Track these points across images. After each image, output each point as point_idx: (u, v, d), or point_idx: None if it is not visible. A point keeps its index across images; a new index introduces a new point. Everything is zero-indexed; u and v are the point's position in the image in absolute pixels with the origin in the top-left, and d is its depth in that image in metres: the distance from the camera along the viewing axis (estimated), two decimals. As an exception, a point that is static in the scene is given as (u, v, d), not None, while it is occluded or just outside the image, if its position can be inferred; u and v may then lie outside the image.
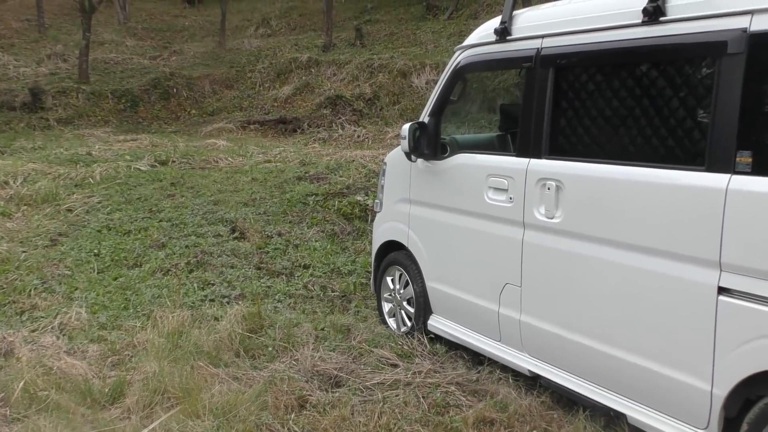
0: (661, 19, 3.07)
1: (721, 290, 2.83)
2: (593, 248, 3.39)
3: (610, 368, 3.35)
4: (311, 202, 8.30)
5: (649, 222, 3.10)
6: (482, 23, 4.43)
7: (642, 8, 3.12)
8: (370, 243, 5.78)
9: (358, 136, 14.42)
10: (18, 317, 5.23)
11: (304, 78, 18.17)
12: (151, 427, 3.53)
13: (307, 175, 9.67)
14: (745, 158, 2.74)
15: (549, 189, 3.58)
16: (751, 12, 2.73)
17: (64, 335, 4.83)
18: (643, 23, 3.14)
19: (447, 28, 20.06)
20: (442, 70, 4.53)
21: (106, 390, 3.96)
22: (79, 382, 4.01)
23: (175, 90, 18.62)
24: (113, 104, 17.59)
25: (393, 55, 18.17)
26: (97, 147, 12.35)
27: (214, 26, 24.84)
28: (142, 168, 10.39)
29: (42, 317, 5.17)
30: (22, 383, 3.89)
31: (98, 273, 6.24)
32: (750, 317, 2.73)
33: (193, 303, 5.48)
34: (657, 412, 3.17)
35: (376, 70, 17.42)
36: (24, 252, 6.73)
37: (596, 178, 3.36)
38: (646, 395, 3.21)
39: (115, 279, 6.10)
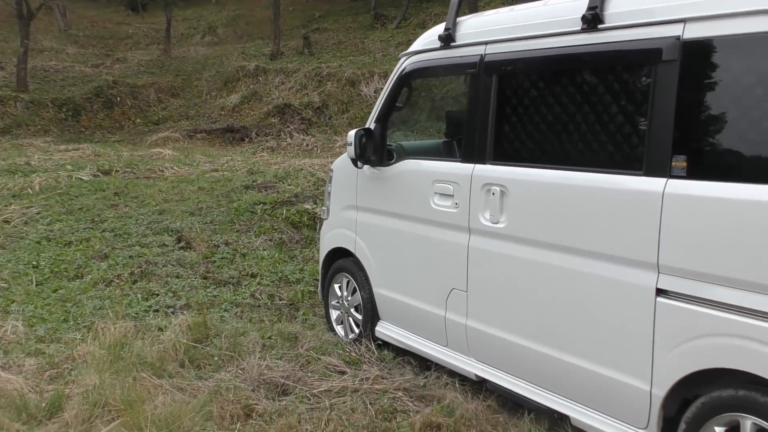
0: (600, 26, 3.14)
1: (659, 292, 2.89)
2: (537, 252, 3.43)
3: (554, 371, 3.39)
4: (259, 211, 8.22)
5: (590, 226, 3.15)
6: (429, 32, 4.46)
7: (581, 16, 3.18)
8: (318, 251, 5.75)
9: (307, 145, 14.38)
10: (-50, 331, 5.02)
11: (251, 86, 18.05)
12: (90, 441, 3.43)
13: (255, 183, 9.58)
14: (680, 162, 2.81)
15: (493, 194, 3.62)
16: (684, 20, 2.82)
17: (-1, 349, 4.66)
18: (582, 30, 3.20)
19: (395, 37, 20.20)
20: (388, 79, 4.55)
21: (44, 404, 3.82)
22: (14, 397, 3.86)
23: (118, 99, 18.27)
24: (54, 113, 17.16)
25: (341, 64, 18.20)
26: (36, 157, 12.01)
27: (158, 34, 24.49)
28: (84, 178, 10.14)
29: (-24, 331, 4.98)
30: (-48, 399, 3.75)
31: (37, 285, 6.05)
32: (687, 318, 2.80)
33: (137, 314, 5.35)
34: (599, 413, 3.21)
35: (324, 78, 17.42)
36: (-43, 264, 6.48)
37: (539, 182, 3.41)
38: (588, 397, 3.26)
39: (55, 291, 5.92)
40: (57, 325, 5.17)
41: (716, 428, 2.75)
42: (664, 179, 2.85)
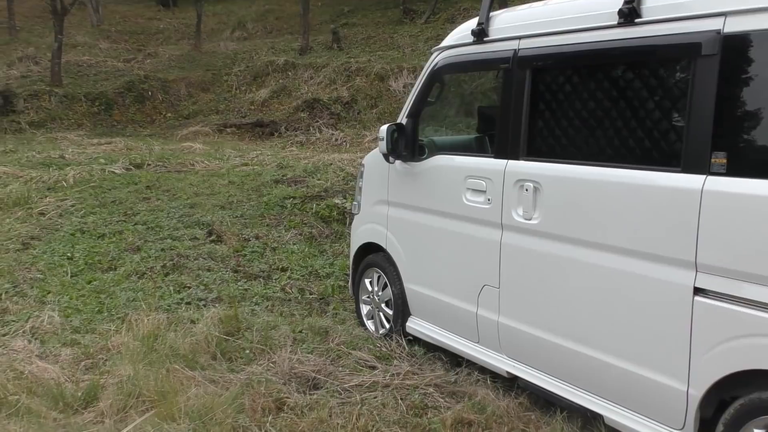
0: (637, 20, 3.10)
1: (697, 291, 2.85)
2: (571, 249, 3.40)
3: (588, 369, 3.37)
4: (289, 205, 8.25)
5: (626, 223, 3.12)
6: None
7: (618, 10, 3.14)
8: (348, 246, 5.76)
9: (336, 140, 14.39)
10: (-12, 321, 5.13)
11: (280, 81, 18.10)
12: (125, 430, 3.48)
13: (284, 178, 9.62)
14: (720, 159, 2.77)
15: (527, 190, 3.59)
16: (725, 14, 2.77)
17: (35, 339, 4.74)
18: (619, 25, 3.16)
19: (424, 32, 20.10)
20: (420, 74, 4.54)
21: (79, 394, 3.89)
22: (51, 387, 3.94)
23: (150, 93, 18.44)
24: (87, 107, 17.37)
25: (370, 59, 18.17)
26: (70, 150, 12.18)
27: (189, 29, 24.66)
28: (116, 171, 10.26)
29: (13, 321, 5.07)
30: (-9, 388, 3.83)
31: (72, 276, 6.15)
32: (725, 318, 2.75)
33: (169, 306, 5.42)
34: (633, 413, 3.18)
35: (353, 73, 17.40)
36: (-5, 256, 6.61)
37: (574, 179, 3.38)
38: (622, 396, 3.23)
39: (89, 282, 6.01)
40: (91, 316, 5.25)
41: (755, 430, 2.70)
42: (703, 176, 2.81)
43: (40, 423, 3.54)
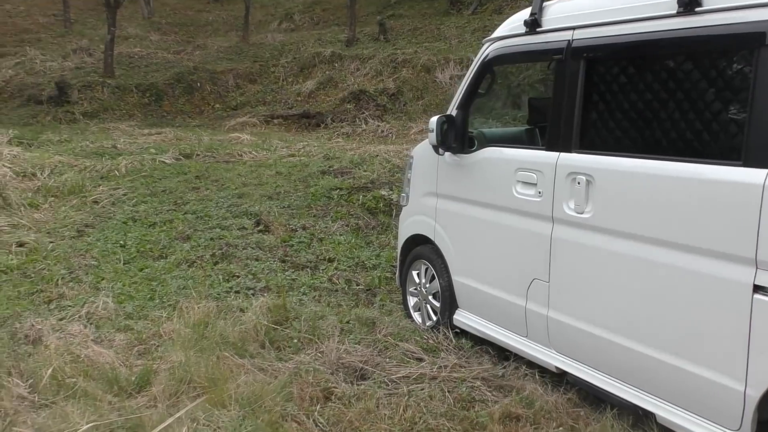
0: (697, 9, 3.01)
1: (757, 288, 2.77)
2: (624, 244, 3.34)
3: (640, 366, 3.30)
4: (335, 196, 8.29)
5: (682, 218, 3.04)
6: (507, 18, 4.39)
7: (677, -1, 3.06)
8: (395, 237, 5.77)
9: (382, 131, 14.38)
10: (46, 306, 5.29)
11: (327, 73, 18.16)
12: (177, 415, 3.55)
13: (331, 169, 9.66)
14: (783, 153, 2.69)
15: (579, 183, 3.54)
16: (792, 3, 2.68)
17: (91, 324, 4.87)
18: (678, 14, 3.08)
19: (471, 23, 19.93)
20: (467, 65, 4.51)
21: (133, 378, 3.98)
22: (106, 370, 4.04)
23: (198, 84, 18.70)
24: (138, 98, 17.71)
25: (417, 50, 18.10)
26: (122, 140, 12.45)
27: (237, 21, 24.91)
28: (166, 161, 10.45)
29: (69, 306, 5.22)
30: (50, 370, 3.94)
31: (124, 264, 6.29)
32: (786, 316, 2.68)
33: (219, 294, 5.50)
34: (687, 412, 3.11)
35: (399, 65, 17.37)
36: (51, 242, 6.80)
37: (628, 172, 3.31)
38: (676, 394, 3.16)
39: (141, 270, 6.15)
40: (144, 302, 5.36)
41: (816, 432, 2.63)
42: (765, 170, 2.72)
43: (95, 406, 3.63)
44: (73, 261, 6.26)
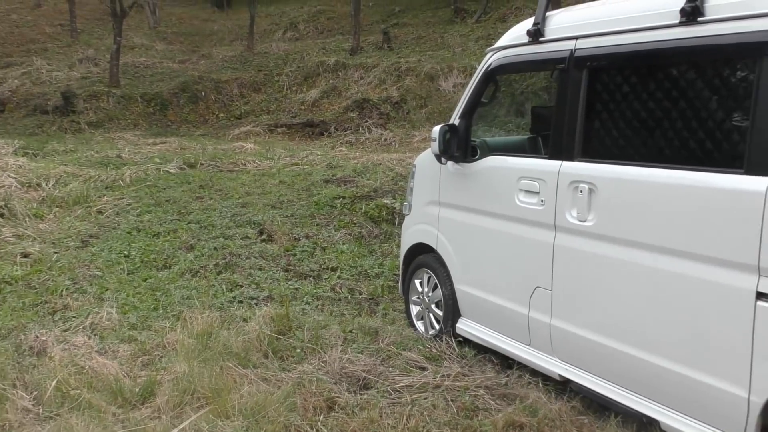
0: (700, 19, 3.02)
1: (760, 295, 2.77)
2: (627, 252, 3.34)
3: (644, 373, 3.30)
4: (338, 205, 8.31)
5: (685, 226, 3.04)
6: (511, 26, 4.40)
7: (679, 8, 3.07)
8: (398, 246, 5.77)
9: (385, 140, 14.42)
10: (50, 317, 5.29)
11: (331, 81, 18.24)
12: (181, 426, 3.55)
13: (334, 178, 9.69)
14: (785, 161, 2.69)
15: (581, 192, 3.54)
16: (792, 12, 2.68)
17: (95, 335, 4.88)
18: (681, 24, 3.09)
19: (475, 32, 20.00)
20: (470, 74, 4.53)
21: (137, 389, 3.99)
22: (111, 382, 4.05)
23: (203, 93, 18.80)
24: (143, 107, 17.81)
25: (420, 59, 18.17)
26: (126, 150, 12.52)
27: (242, 30, 25.04)
28: (171, 171, 10.49)
29: (74, 317, 5.23)
30: (54, 382, 3.95)
31: (128, 274, 6.31)
32: (790, 323, 2.67)
33: (222, 304, 5.51)
34: (691, 419, 3.10)
35: (403, 73, 17.43)
36: (56, 253, 6.82)
37: (631, 181, 3.31)
38: (680, 401, 3.15)
39: (145, 280, 6.16)
40: (147, 313, 5.37)
41: (821, 441, 2.61)
42: (767, 178, 2.72)
43: (100, 417, 3.63)
44: (78, 271, 6.27)
